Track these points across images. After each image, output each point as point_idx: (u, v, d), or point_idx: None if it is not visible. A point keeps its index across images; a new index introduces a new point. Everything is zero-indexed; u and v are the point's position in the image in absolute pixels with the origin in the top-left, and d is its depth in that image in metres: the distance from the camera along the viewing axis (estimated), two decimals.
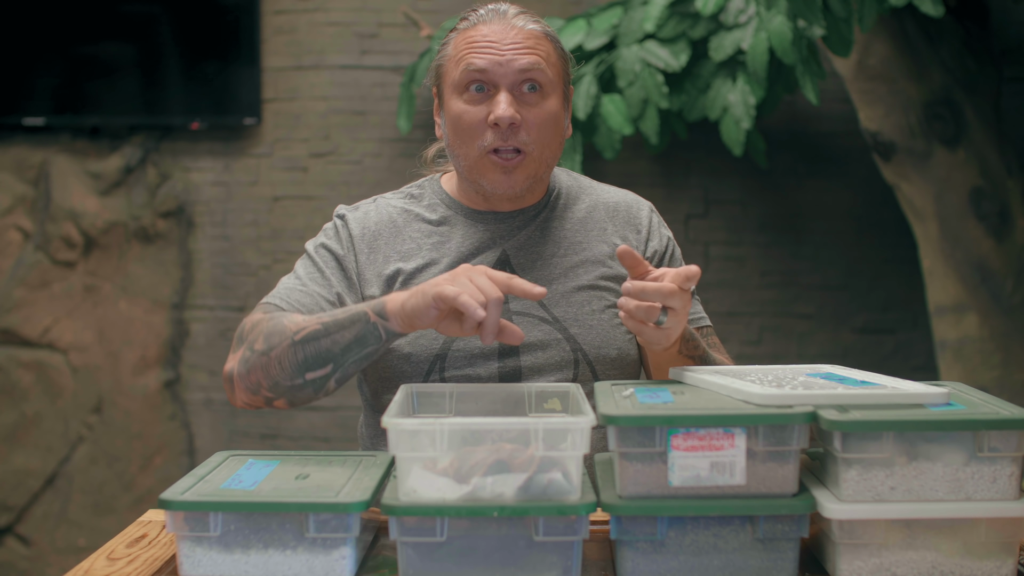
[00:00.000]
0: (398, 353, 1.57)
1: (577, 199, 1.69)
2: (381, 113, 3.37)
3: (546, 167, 1.60)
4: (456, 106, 1.57)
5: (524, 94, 1.55)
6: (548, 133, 1.57)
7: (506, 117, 1.52)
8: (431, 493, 1.15)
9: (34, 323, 3.41)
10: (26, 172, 3.40)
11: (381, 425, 1.18)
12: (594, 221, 1.67)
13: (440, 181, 1.71)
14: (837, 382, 1.29)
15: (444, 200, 1.67)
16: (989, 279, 2.82)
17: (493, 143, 1.54)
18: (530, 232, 1.63)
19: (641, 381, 1.42)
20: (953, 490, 1.16)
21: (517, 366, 1.56)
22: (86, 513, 3.43)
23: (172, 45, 3.35)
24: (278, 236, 3.40)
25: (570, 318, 1.59)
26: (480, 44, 1.55)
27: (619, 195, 1.72)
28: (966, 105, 2.84)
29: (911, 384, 1.27)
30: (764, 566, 1.17)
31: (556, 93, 1.58)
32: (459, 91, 1.56)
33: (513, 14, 1.58)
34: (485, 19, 1.58)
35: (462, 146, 1.57)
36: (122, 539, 1.37)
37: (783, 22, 2.64)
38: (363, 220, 1.66)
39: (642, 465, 1.16)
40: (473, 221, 1.64)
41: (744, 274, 3.37)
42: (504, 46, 1.55)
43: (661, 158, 3.33)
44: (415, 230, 1.64)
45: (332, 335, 1.43)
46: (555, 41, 1.60)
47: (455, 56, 1.58)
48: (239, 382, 1.49)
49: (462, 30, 1.59)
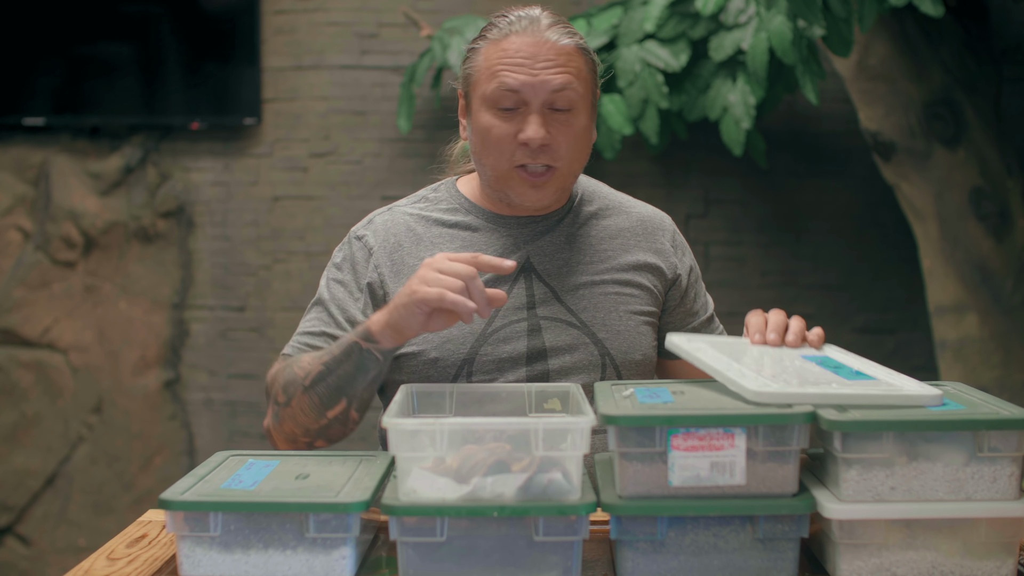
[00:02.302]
0: (425, 358, 1.56)
1: (599, 204, 1.69)
2: (381, 113, 3.37)
3: (574, 177, 1.61)
4: (485, 119, 1.55)
5: (554, 113, 1.54)
6: (577, 149, 1.57)
7: (537, 139, 1.52)
8: (431, 493, 1.15)
9: (34, 323, 3.41)
10: (26, 172, 3.40)
11: (381, 425, 1.18)
12: (620, 234, 1.67)
13: (457, 184, 1.69)
14: (832, 370, 1.29)
15: (463, 204, 1.65)
16: (989, 279, 2.82)
17: (522, 159, 1.54)
18: (553, 237, 1.63)
19: (641, 381, 1.42)
20: (953, 490, 1.16)
21: (545, 370, 1.56)
22: (86, 513, 3.43)
23: (172, 45, 3.35)
24: (278, 236, 3.40)
25: (597, 322, 1.59)
26: (513, 60, 1.53)
27: (645, 210, 1.72)
28: (966, 105, 2.84)
29: (905, 380, 1.27)
30: (764, 566, 1.17)
31: (585, 107, 1.57)
32: (489, 105, 1.55)
33: (546, 25, 1.55)
34: (517, 29, 1.55)
35: (489, 157, 1.56)
36: (122, 539, 1.37)
37: (783, 22, 2.64)
38: (382, 235, 1.63)
39: (642, 465, 1.16)
40: (496, 226, 1.63)
41: (744, 274, 3.37)
42: (537, 64, 1.52)
43: (661, 158, 3.33)
44: (436, 235, 1.63)
45: (335, 372, 1.46)
46: (586, 52, 1.58)
47: (487, 68, 1.55)
48: (276, 435, 1.54)
49: (493, 40, 1.56)
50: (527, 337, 1.57)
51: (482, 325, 1.57)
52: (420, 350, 1.56)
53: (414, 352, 1.57)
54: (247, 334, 3.42)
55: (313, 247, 3.37)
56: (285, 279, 3.39)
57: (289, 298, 3.38)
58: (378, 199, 3.27)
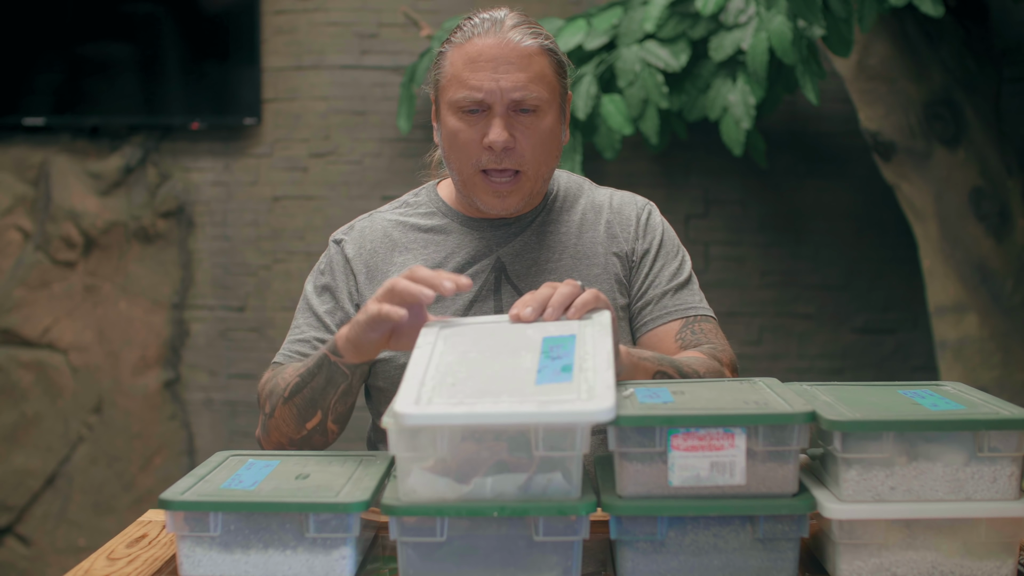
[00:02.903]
0: (396, 363, 1.58)
1: (575, 202, 1.68)
2: (381, 113, 3.37)
3: (542, 182, 1.60)
4: (451, 123, 1.56)
5: (518, 115, 1.54)
6: (543, 151, 1.56)
7: (500, 142, 1.52)
8: (431, 493, 1.15)
9: (34, 323, 3.41)
10: (26, 172, 3.40)
11: (381, 425, 1.18)
12: (588, 223, 1.66)
13: (436, 188, 1.71)
14: (544, 364, 1.17)
15: (440, 208, 1.67)
16: (989, 279, 2.82)
17: (487, 164, 1.54)
18: (526, 238, 1.63)
19: (642, 381, 1.42)
20: (953, 490, 1.16)
21: None
22: (86, 513, 3.43)
23: (172, 45, 3.35)
24: (278, 236, 3.40)
25: None
26: (476, 64, 1.53)
27: (614, 195, 1.70)
28: (966, 105, 2.84)
29: (603, 377, 1.12)
30: (764, 566, 1.17)
31: (552, 109, 1.57)
32: (455, 109, 1.55)
33: (510, 26, 1.55)
34: (480, 31, 1.55)
35: (456, 161, 1.57)
36: (122, 539, 1.37)
37: (783, 22, 2.64)
38: (359, 241, 1.66)
39: (642, 465, 1.16)
40: (469, 228, 1.64)
41: (744, 274, 3.37)
42: (500, 67, 1.52)
43: (661, 158, 3.33)
44: (411, 240, 1.65)
45: (309, 384, 1.47)
46: (551, 53, 1.57)
47: (452, 73, 1.56)
48: (265, 445, 1.56)
49: (457, 44, 1.56)
50: None
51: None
52: (393, 355, 1.58)
53: (387, 358, 1.58)
54: (247, 334, 3.42)
55: (313, 247, 3.37)
56: (285, 279, 3.39)
57: (289, 298, 3.38)
58: (378, 199, 3.27)
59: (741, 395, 1.24)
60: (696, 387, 1.31)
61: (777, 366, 3.32)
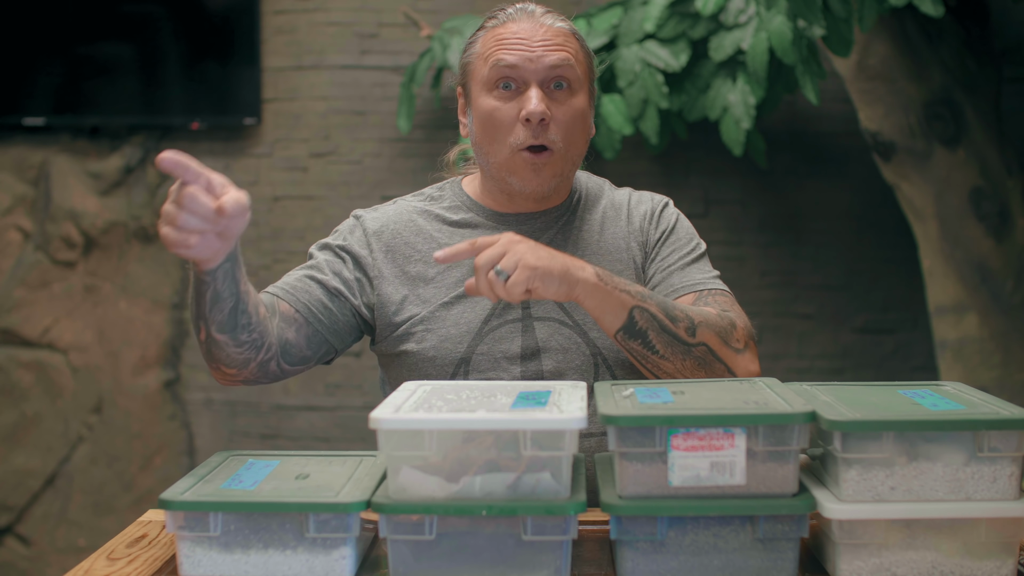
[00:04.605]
0: (422, 356, 1.58)
1: (596, 201, 1.69)
2: (381, 113, 3.37)
3: (572, 165, 1.61)
4: (486, 103, 1.57)
5: (553, 91, 1.56)
6: (575, 130, 1.58)
7: (537, 112, 1.53)
8: (421, 491, 1.15)
9: (34, 323, 3.41)
10: (26, 172, 3.40)
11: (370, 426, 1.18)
12: (609, 220, 1.67)
13: (461, 184, 1.70)
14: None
15: (466, 203, 1.67)
16: (989, 279, 2.82)
17: (525, 141, 1.55)
18: (552, 235, 1.64)
19: (642, 381, 1.42)
20: (953, 490, 1.16)
21: (539, 369, 1.57)
22: (86, 513, 3.43)
23: (172, 45, 3.35)
24: (278, 236, 3.40)
25: (589, 322, 1.59)
26: (510, 41, 1.56)
27: (632, 194, 1.72)
28: (966, 105, 2.84)
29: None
30: (764, 566, 1.17)
31: (583, 91, 1.59)
32: (488, 88, 1.57)
33: (541, 12, 1.60)
34: (514, 17, 1.59)
35: (492, 143, 1.58)
36: (122, 539, 1.37)
37: (783, 22, 2.64)
38: (381, 219, 1.66)
39: (642, 465, 1.16)
40: (496, 223, 1.64)
41: (744, 274, 3.37)
42: (534, 43, 1.56)
43: (661, 158, 3.33)
44: (436, 230, 1.64)
45: (192, 299, 1.42)
46: (581, 40, 1.62)
47: (484, 53, 1.58)
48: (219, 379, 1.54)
49: (490, 28, 1.60)
50: (521, 336, 1.57)
51: (478, 323, 1.58)
52: (418, 348, 1.58)
53: (411, 351, 1.58)
54: None
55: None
56: None
57: None
58: (378, 199, 3.27)
59: (741, 395, 1.24)
60: (696, 387, 1.32)
61: (777, 366, 3.32)
